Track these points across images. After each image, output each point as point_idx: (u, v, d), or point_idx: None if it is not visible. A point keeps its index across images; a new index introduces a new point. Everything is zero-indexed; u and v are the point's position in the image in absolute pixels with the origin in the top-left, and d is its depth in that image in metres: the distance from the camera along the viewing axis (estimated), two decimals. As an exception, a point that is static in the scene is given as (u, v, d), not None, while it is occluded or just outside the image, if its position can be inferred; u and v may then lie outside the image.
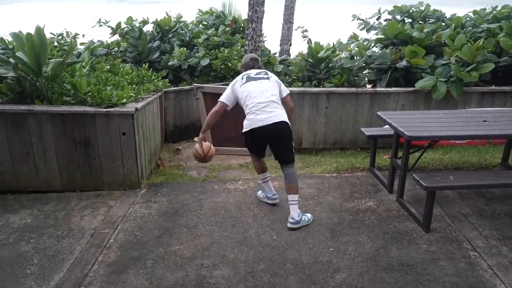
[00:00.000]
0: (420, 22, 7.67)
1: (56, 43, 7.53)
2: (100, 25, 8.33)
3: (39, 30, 4.66)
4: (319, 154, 6.58)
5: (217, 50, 7.86)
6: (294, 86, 7.34)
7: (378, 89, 6.54)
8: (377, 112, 4.99)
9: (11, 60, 4.71)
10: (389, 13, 8.05)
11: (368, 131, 5.44)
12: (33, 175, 4.73)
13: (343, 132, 6.61)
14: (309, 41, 9.36)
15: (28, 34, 4.55)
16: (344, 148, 6.68)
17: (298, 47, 9.24)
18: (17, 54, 4.66)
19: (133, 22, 8.37)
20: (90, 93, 4.73)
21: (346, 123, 6.56)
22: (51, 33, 7.89)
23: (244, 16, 8.95)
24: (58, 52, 6.19)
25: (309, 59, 7.58)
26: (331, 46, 7.65)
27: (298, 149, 6.67)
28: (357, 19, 8.43)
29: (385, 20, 8.14)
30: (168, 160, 6.34)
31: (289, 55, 9.75)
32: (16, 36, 4.74)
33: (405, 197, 4.59)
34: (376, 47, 7.42)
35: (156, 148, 6.11)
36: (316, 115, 6.53)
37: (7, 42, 5.73)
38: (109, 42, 8.37)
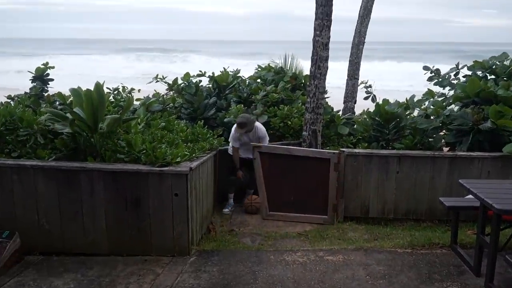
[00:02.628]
0: (504, 78, 7.42)
1: (112, 99, 8.04)
2: (157, 81, 8.86)
3: (98, 86, 5.00)
4: (388, 225, 6.30)
5: (276, 107, 8.02)
6: (360, 147, 7.24)
7: (459, 153, 6.27)
8: (459, 180, 4.75)
9: (68, 115, 5.05)
10: (469, 68, 7.89)
11: (448, 201, 5.16)
12: (80, 236, 4.87)
13: (417, 200, 6.33)
14: (374, 98, 9.32)
15: (88, 90, 4.89)
16: (419, 219, 6.37)
17: (362, 105, 9.21)
18: (74, 109, 4.99)
19: (190, 78, 8.81)
20: (145, 151, 4.92)
21: (421, 190, 6.29)
22: (107, 87, 8.47)
23: (305, 71, 9.16)
24: (114, 108, 6.57)
25: (377, 118, 7.51)
26: (401, 102, 7.55)
27: (364, 218, 6.44)
28: (430, 72, 8.32)
29: (464, 77, 7.97)
30: (220, 225, 6.32)
31: (354, 113, 9.71)
32: (75, 91, 5.12)
33: (495, 282, 4.19)
34: (455, 106, 7.22)
35: (208, 211, 6.13)
36: (386, 180, 6.33)
37: (65, 97, 6.21)
38: (164, 98, 8.82)
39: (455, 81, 7.98)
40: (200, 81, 9.01)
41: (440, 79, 8.13)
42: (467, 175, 6.07)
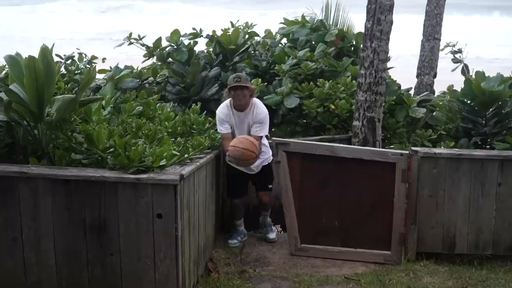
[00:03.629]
0: None
1: (64, 70, 8.18)
2: (131, 43, 8.96)
3: (46, 52, 5.10)
4: (485, 266, 6.32)
5: (312, 83, 8.08)
6: (443, 146, 7.26)
7: None
8: None
9: (1, 96, 5.15)
10: None
11: None
12: (20, 274, 4.99)
13: (529, 228, 6.33)
14: (465, 70, 9.31)
15: (31, 58, 4.98)
16: (531, 257, 6.36)
17: (446, 81, 9.20)
18: (11, 87, 5.09)
19: (180, 39, 8.86)
20: (113, 150, 5.02)
21: (535, 213, 6.30)
22: (56, 55, 8.62)
23: (358, 28, 9.19)
24: (66, 85, 6.71)
25: (467, 100, 7.52)
26: (505, 77, 7.54)
27: (447, 255, 6.48)
28: None
29: None
30: (224, 263, 6.42)
31: (433, 92, 9.75)
32: (12, 60, 5.20)
33: None
34: None
35: (208, 242, 6.22)
36: (481, 197, 6.36)
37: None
38: (141, 69, 8.93)
39: None
40: (196, 43, 9.07)
41: None
42: None
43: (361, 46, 7.47)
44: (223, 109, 6.66)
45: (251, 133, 6.57)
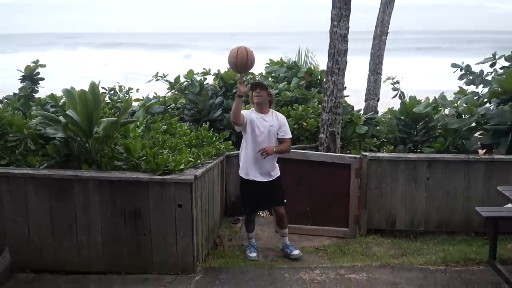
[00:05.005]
0: (547, 71, 7.36)
1: (108, 99, 8.12)
2: (157, 79, 8.92)
3: (94, 87, 5.07)
4: (418, 239, 6.26)
5: (289, 107, 8.03)
6: (384, 151, 7.23)
7: (496, 156, 6.22)
8: (498, 187, 4.73)
9: (61, 119, 5.11)
10: (506, 59, 7.81)
11: (485, 211, 5.12)
12: (74, 252, 4.91)
13: (450, 211, 6.29)
14: (401, 95, 9.30)
15: (82, 90, 4.95)
16: (453, 232, 6.31)
17: (387, 103, 9.20)
18: (67, 112, 5.06)
19: (194, 76, 8.85)
20: (145, 158, 4.96)
21: (455, 199, 6.25)
22: (102, 87, 8.56)
23: (322, 66, 9.17)
24: (110, 110, 6.64)
25: (403, 117, 7.49)
26: (431, 101, 7.53)
27: (390, 231, 6.41)
28: (460, 69, 8.24)
29: (501, 69, 7.90)
30: (228, 239, 6.34)
31: (377, 112, 9.71)
32: (68, 92, 5.19)
33: (541, 302, 4.15)
34: (491, 103, 7.17)
35: (215, 224, 6.15)
36: (414, 188, 6.30)
37: (57, 98, 6.30)
38: (166, 98, 8.88)
39: (490, 76, 7.91)
40: (205, 79, 9.05)
41: (471, 77, 8.06)
42: (507, 181, 5.98)
43: (324, 79, 7.42)
44: (252, 113, 5.61)
45: (278, 137, 5.57)
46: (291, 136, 5.72)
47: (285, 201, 5.78)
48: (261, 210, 6.20)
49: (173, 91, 9.20)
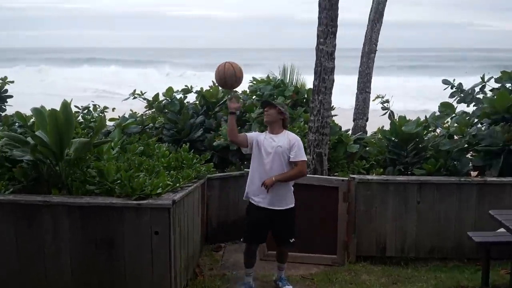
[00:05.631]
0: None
1: (81, 119, 8.05)
2: (135, 97, 8.89)
3: (66, 105, 5.00)
4: (409, 266, 6.24)
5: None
6: (374, 173, 7.24)
7: (489, 178, 6.28)
8: (490, 211, 4.78)
9: (29, 140, 5.03)
10: (496, 80, 7.96)
11: (477, 236, 5.18)
12: (42, 282, 4.79)
13: (442, 236, 6.30)
14: (391, 115, 9.38)
15: (53, 110, 4.89)
16: (445, 258, 6.32)
17: (376, 123, 9.28)
18: (36, 133, 4.98)
19: (173, 94, 8.84)
20: (119, 181, 4.89)
21: (446, 223, 6.27)
22: (75, 106, 8.49)
23: (308, 85, 9.21)
24: (83, 130, 6.57)
25: (393, 138, 7.54)
26: (421, 120, 7.60)
27: (381, 257, 6.39)
28: (451, 87, 8.36)
29: (491, 90, 8.04)
30: (208, 268, 6.25)
31: (366, 132, 9.77)
32: (37, 111, 5.12)
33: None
34: (482, 123, 7.26)
35: (195, 252, 6.07)
36: (404, 212, 6.31)
37: (26, 118, 6.18)
38: (143, 117, 8.84)
39: (480, 95, 8.04)
40: (185, 97, 9.06)
41: (462, 95, 8.18)
42: (499, 204, 6.04)
43: (311, 98, 7.45)
44: (261, 134, 5.40)
45: (291, 159, 5.19)
46: (305, 159, 5.34)
47: (292, 240, 5.36)
48: (263, 242, 5.57)
49: (151, 110, 9.18)
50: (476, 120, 7.49)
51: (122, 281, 4.78)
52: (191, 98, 9.37)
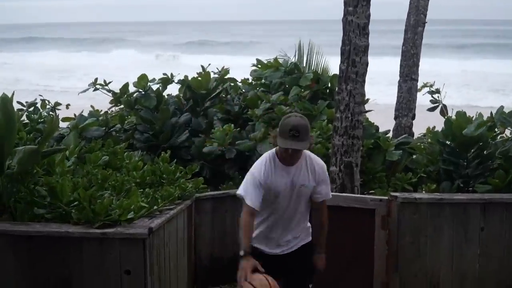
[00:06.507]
0: None
1: (26, 119, 8.16)
2: (96, 89, 8.99)
3: (5, 102, 5.12)
4: (471, 315, 6.32)
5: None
6: (423, 189, 7.32)
7: None
8: None
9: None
10: None
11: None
12: None
13: (513, 273, 6.41)
14: (444, 109, 9.44)
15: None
16: (516, 302, 6.41)
17: (425, 122, 9.34)
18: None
19: (148, 84, 8.90)
20: (77, 203, 5.00)
21: (519, 257, 6.37)
22: (18, 102, 8.61)
23: (333, 70, 9.32)
24: (29, 135, 6.68)
25: (448, 142, 7.62)
26: (485, 119, 7.69)
27: (432, 304, 6.48)
28: None
29: None
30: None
31: (412, 134, 9.86)
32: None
33: None
34: None
35: (180, 299, 6.17)
36: (464, 242, 6.39)
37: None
38: (108, 115, 8.93)
39: None
40: (165, 88, 9.12)
41: None
42: None
43: (337, 88, 7.54)
44: (265, 164, 4.90)
45: (312, 198, 5.10)
46: (329, 193, 5.27)
47: (310, 286, 5.26)
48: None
49: (118, 106, 9.24)
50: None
51: (82, 338, 4.89)
52: (173, 89, 9.46)
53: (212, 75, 9.43)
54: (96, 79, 9.14)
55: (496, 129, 7.66)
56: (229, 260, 7.28)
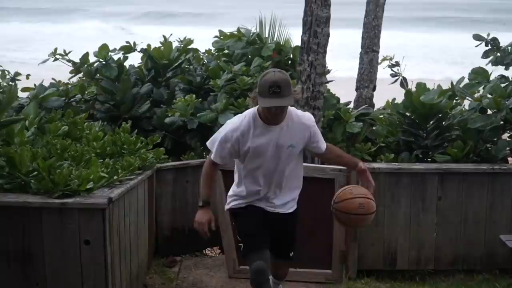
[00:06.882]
0: None
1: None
2: (56, 59, 8.86)
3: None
4: (426, 282, 6.48)
5: (248, 98, 8.14)
6: (382, 160, 7.41)
7: (531, 166, 6.52)
8: None
9: None
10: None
11: (512, 241, 5.37)
12: None
13: (469, 242, 6.55)
14: (404, 82, 9.54)
15: None
16: (472, 270, 6.57)
17: (385, 95, 9.40)
18: None
19: (109, 54, 8.82)
20: (36, 173, 4.96)
21: (475, 226, 6.52)
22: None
23: (295, 42, 9.32)
24: (-14, 105, 6.59)
25: (408, 113, 7.71)
26: (445, 89, 7.78)
27: (389, 271, 6.61)
28: (485, 44, 8.53)
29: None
30: (160, 289, 6.41)
31: (372, 105, 9.94)
32: None
33: None
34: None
35: (140, 268, 6.20)
36: (422, 211, 6.52)
37: None
38: (68, 86, 8.83)
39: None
40: (126, 58, 9.05)
41: (499, 54, 8.34)
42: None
43: (298, 59, 7.56)
44: (242, 122, 4.67)
45: (314, 151, 5.09)
46: (323, 147, 5.01)
47: (292, 254, 5.17)
48: (269, 247, 4.91)
49: (79, 76, 9.16)
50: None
51: (43, 308, 4.88)
52: (135, 59, 9.39)
53: (174, 46, 9.40)
54: (56, 49, 8.99)
55: (456, 99, 7.77)
56: (190, 230, 7.30)
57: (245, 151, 4.63)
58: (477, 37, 8.57)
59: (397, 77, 9.44)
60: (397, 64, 9.45)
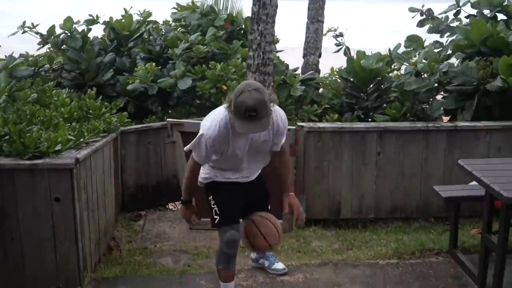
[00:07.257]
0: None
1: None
2: (24, 31, 8.71)
3: None
4: (368, 229, 6.67)
5: (204, 65, 8.14)
6: (327, 120, 7.53)
7: (460, 123, 6.70)
8: (459, 161, 5.08)
9: None
10: (473, 5, 8.32)
11: (445, 191, 5.51)
12: None
13: (405, 193, 6.71)
14: (347, 51, 9.66)
15: None
16: (408, 218, 6.75)
17: (331, 63, 9.52)
18: None
19: (74, 26, 8.72)
20: (8, 137, 4.93)
21: (411, 178, 6.67)
22: None
23: (247, 13, 9.32)
24: (-42, 74, 6.48)
25: (350, 78, 7.84)
26: (384, 55, 7.91)
27: (334, 220, 6.77)
28: (420, 14, 8.70)
29: (467, 17, 8.40)
30: (126, 241, 6.44)
31: (318, 71, 10.03)
32: None
33: (505, 295, 4.60)
34: (455, 58, 7.63)
35: (108, 223, 6.22)
36: (363, 166, 6.67)
37: None
38: (37, 57, 8.71)
39: (455, 24, 8.39)
40: (90, 29, 8.96)
41: (434, 23, 8.51)
42: (472, 153, 6.49)
43: (249, 29, 7.57)
44: (218, 128, 4.21)
45: (274, 149, 4.60)
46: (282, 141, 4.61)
47: (269, 207, 4.98)
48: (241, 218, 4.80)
49: (47, 47, 9.05)
50: (448, 53, 7.83)
51: (19, 260, 4.88)
52: (98, 31, 9.30)
53: (135, 18, 9.35)
54: (24, 22, 8.87)
55: (393, 65, 7.91)
56: (153, 187, 7.42)
57: (226, 150, 4.31)
58: (412, 9, 8.76)
59: (340, 46, 9.53)
60: (341, 34, 9.53)
